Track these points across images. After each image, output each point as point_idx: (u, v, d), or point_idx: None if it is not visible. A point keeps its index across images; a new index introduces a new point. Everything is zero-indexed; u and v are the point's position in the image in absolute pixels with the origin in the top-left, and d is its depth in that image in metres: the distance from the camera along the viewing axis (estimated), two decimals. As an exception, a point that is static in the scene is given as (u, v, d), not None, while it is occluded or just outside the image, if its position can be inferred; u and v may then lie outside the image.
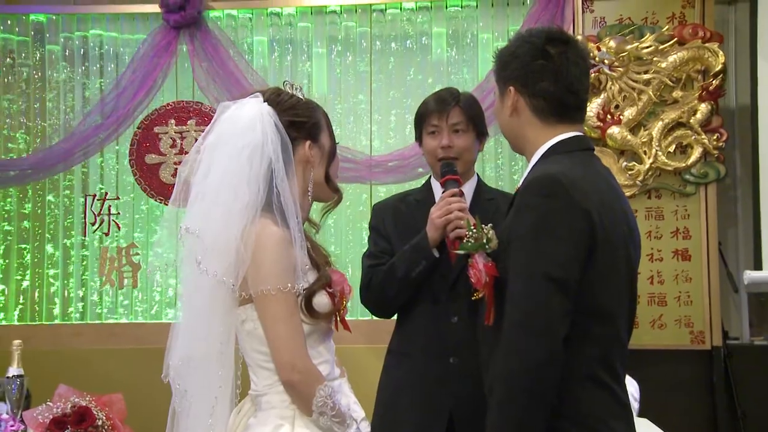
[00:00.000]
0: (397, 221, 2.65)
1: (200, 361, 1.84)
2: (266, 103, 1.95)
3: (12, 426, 2.41)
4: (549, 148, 1.88)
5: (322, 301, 1.89)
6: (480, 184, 2.70)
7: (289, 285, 1.82)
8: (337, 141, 2.10)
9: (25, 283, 4.53)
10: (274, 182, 1.87)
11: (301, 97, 2.02)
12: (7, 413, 2.50)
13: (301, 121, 1.97)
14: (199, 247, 1.83)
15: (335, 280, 1.94)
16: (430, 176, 2.73)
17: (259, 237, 1.83)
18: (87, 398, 2.20)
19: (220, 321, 1.85)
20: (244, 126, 1.89)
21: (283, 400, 1.86)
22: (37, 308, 4.51)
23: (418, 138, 2.68)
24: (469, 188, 2.63)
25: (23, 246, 4.55)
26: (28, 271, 4.52)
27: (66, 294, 4.51)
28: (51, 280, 4.52)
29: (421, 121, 2.65)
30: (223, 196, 1.85)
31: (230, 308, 1.85)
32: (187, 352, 1.84)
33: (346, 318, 2.03)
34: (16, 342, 2.64)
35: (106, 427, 2.16)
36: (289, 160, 1.91)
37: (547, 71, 1.87)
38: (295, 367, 1.81)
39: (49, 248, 4.53)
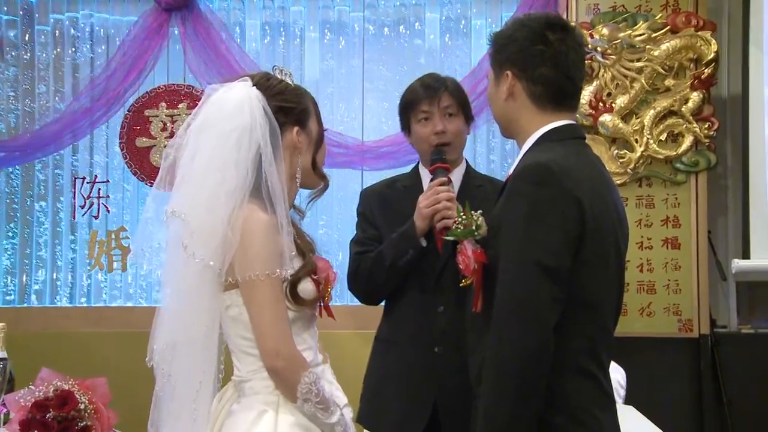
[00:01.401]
0: (384, 207, 2.63)
1: (185, 345, 1.83)
2: (255, 87, 1.93)
3: (-6, 409, 2.40)
4: (541, 136, 1.87)
5: (307, 288, 1.88)
6: (468, 170, 2.67)
7: (277, 271, 1.81)
8: (327, 127, 2.09)
9: (13, 265, 4.50)
10: (263, 167, 1.86)
11: (291, 82, 2.01)
12: (-11, 396, 2.48)
13: (289, 107, 1.95)
14: (186, 231, 1.82)
15: (320, 267, 1.93)
16: (418, 162, 2.70)
17: (246, 222, 1.81)
18: (70, 382, 2.18)
19: (206, 306, 1.83)
20: (232, 109, 1.87)
21: (267, 386, 1.85)
22: (26, 291, 4.49)
23: (405, 127, 2.65)
24: (457, 175, 2.60)
25: (11, 227, 4.52)
26: (17, 253, 4.50)
27: (55, 277, 4.49)
28: (39, 263, 4.50)
29: (408, 108, 2.61)
30: (210, 179, 1.83)
31: (216, 293, 1.84)
32: (172, 336, 1.83)
33: (332, 303, 2.03)
34: (0, 324, 2.62)
35: (88, 411, 2.14)
36: (277, 146, 1.89)
37: (546, 57, 1.85)
38: (279, 353, 1.80)
39: (37, 230, 4.50)
